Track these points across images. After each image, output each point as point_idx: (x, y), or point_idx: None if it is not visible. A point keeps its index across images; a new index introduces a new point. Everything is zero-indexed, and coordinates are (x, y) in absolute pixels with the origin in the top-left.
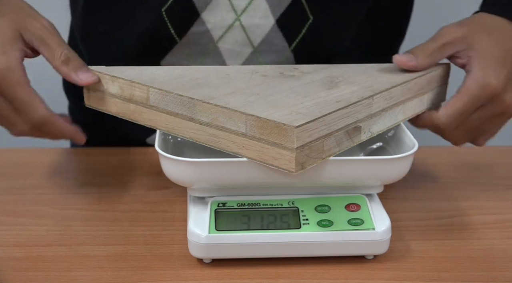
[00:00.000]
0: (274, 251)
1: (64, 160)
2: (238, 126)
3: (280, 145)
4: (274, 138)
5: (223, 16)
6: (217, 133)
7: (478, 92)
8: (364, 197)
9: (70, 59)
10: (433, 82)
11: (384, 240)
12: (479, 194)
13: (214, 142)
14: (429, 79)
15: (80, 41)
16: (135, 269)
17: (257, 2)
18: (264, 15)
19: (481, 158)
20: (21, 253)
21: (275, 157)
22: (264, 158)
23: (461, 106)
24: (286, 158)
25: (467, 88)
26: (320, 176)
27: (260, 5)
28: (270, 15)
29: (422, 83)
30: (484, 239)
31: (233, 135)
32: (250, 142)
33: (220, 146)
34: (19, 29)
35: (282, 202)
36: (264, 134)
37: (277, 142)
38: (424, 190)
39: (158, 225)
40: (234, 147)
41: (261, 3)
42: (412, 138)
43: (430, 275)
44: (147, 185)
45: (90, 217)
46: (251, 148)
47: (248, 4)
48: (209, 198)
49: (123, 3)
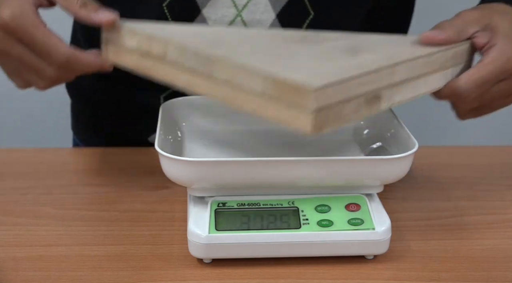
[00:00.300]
0: (274, 251)
1: (64, 160)
2: (256, 85)
3: (298, 106)
4: (292, 99)
5: (224, 12)
6: (234, 91)
7: (504, 64)
8: (364, 197)
9: (87, 2)
10: (457, 57)
11: (384, 240)
12: (479, 194)
13: (231, 100)
14: (454, 54)
15: (83, 39)
16: (135, 269)
17: None
18: (264, 10)
19: (481, 158)
20: (21, 253)
21: (292, 118)
22: (281, 118)
23: (485, 75)
24: (303, 119)
25: (493, 58)
26: (320, 176)
27: (260, 0)
28: (271, 10)
29: (447, 56)
30: (484, 239)
31: (251, 94)
32: (268, 101)
33: (237, 104)
34: None
35: (282, 202)
36: (282, 94)
37: (295, 102)
38: (424, 190)
39: (158, 225)
40: (251, 106)
41: None
42: (412, 138)
43: (430, 275)
44: (147, 185)
45: (90, 217)
46: (268, 108)
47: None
48: (209, 198)
49: (124, 1)
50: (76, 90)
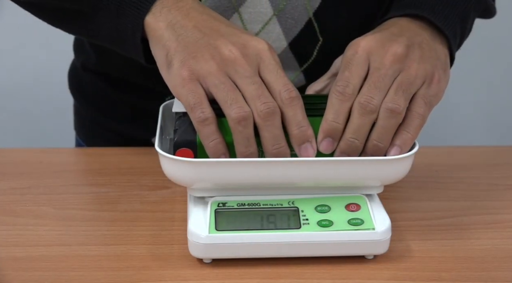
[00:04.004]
0: (274, 251)
1: (64, 160)
2: None
3: None
4: None
5: None
6: None
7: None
8: (364, 197)
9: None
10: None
11: (384, 240)
12: (479, 194)
13: None
14: None
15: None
16: (135, 269)
17: (270, 27)
18: (277, 39)
19: (480, 158)
20: (21, 253)
21: None
22: None
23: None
24: None
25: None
26: (320, 176)
27: (273, 29)
28: (283, 39)
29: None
30: (484, 239)
31: None
32: None
33: None
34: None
35: (282, 202)
36: None
37: None
38: (424, 190)
39: (158, 225)
40: None
41: (275, 27)
42: None
43: (430, 275)
44: (147, 185)
45: (90, 217)
46: None
47: (262, 28)
48: (209, 198)
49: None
50: (79, 90)
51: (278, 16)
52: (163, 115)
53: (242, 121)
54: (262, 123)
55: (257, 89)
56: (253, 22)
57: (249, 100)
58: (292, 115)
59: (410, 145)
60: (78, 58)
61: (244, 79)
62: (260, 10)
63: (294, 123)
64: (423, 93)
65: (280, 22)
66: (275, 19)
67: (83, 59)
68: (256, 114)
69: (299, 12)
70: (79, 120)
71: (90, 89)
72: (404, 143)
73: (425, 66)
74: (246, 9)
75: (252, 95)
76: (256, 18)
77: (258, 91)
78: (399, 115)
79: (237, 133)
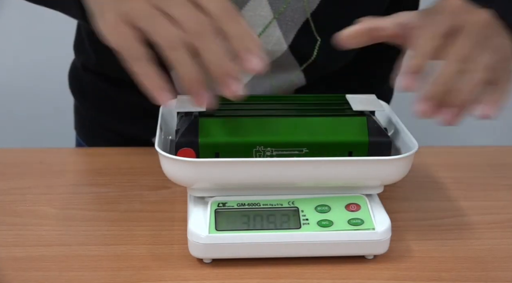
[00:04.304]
0: (274, 251)
1: (64, 160)
2: None
3: None
4: None
5: None
6: None
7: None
8: (364, 197)
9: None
10: None
11: (384, 240)
12: (479, 194)
13: None
14: None
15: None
16: (135, 269)
17: (270, 30)
18: (277, 42)
19: (481, 158)
20: (21, 253)
21: None
22: None
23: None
24: None
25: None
26: (320, 176)
27: (274, 32)
28: (284, 42)
29: None
30: (484, 239)
31: None
32: None
33: None
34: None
35: (282, 202)
36: None
37: None
38: (424, 190)
39: (158, 225)
40: None
41: (275, 30)
42: (412, 138)
43: (430, 275)
44: (147, 185)
45: (90, 217)
46: None
47: (262, 31)
48: (209, 198)
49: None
50: (80, 90)
51: (278, 19)
52: (163, 115)
53: (172, 44)
54: (199, 44)
55: (188, 10)
56: (253, 25)
57: (180, 22)
58: (231, 28)
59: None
60: (78, 58)
61: (174, 6)
62: (260, 13)
63: (235, 36)
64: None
65: (280, 25)
66: (275, 22)
67: (83, 59)
68: (189, 35)
69: (299, 14)
70: (79, 120)
71: (90, 89)
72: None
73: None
74: (246, 13)
75: (183, 16)
76: (256, 22)
77: (189, 11)
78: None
79: (174, 62)
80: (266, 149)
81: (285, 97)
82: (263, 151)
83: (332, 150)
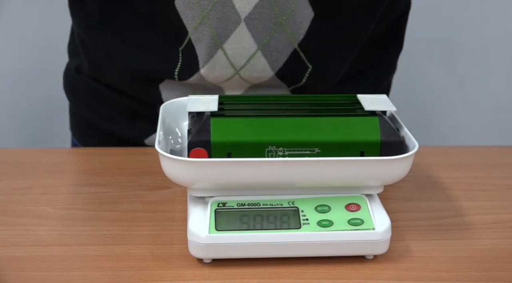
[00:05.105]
0: (274, 251)
1: (64, 160)
2: None
3: None
4: None
5: (222, 72)
6: None
7: None
8: (364, 197)
9: None
10: None
11: (384, 240)
12: (479, 194)
13: None
14: None
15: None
16: (135, 269)
17: (255, 60)
18: (263, 70)
19: (481, 158)
20: (21, 253)
21: None
22: None
23: None
24: None
25: None
26: (320, 176)
27: (259, 61)
28: (270, 70)
29: None
30: (484, 239)
31: None
32: None
33: None
34: None
35: (282, 202)
36: None
37: None
38: (424, 190)
39: (158, 225)
40: None
41: (260, 60)
42: (412, 138)
43: (430, 275)
44: (147, 185)
45: (90, 217)
46: None
47: (247, 62)
48: (209, 198)
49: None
50: (73, 92)
51: (262, 50)
52: (163, 115)
53: None
54: None
55: None
56: (238, 56)
57: None
58: None
59: None
60: (72, 61)
61: None
62: (244, 45)
63: None
64: None
65: (265, 55)
66: (260, 52)
67: (77, 63)
68: None
69: (283, 45)
70: (74, 121)
71: (84, 91)
72: None
73: None
74: (229, 46)
75: None
76: (240, 53)
77: None
78: None
79: None
80: (279, 149)
81: (297, 97)
82: (275, 151)
83: (344, 150)
